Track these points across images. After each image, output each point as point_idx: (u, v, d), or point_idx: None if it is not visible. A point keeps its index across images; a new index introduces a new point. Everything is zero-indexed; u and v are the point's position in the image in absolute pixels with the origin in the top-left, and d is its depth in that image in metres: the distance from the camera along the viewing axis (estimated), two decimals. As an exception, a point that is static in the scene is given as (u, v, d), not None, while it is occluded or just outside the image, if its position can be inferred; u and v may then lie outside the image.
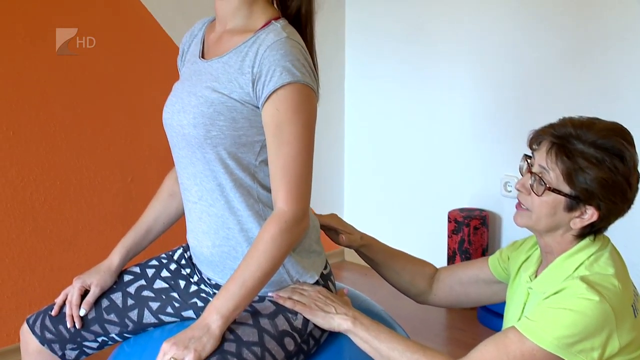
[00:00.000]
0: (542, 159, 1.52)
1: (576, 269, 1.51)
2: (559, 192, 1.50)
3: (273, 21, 1.47)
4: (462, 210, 3.10)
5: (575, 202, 1.50)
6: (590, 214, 1.50)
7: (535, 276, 1.60)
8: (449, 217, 3.09)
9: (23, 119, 2.46)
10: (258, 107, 1.44)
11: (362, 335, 1.50)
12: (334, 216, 1.83)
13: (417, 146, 3.34)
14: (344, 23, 3.41)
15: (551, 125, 1.55)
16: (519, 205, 1.58)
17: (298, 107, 1.42)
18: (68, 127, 2.57)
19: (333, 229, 1.81)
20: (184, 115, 1.48)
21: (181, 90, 1.53)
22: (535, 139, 1.56)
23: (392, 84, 3.36)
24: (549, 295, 1.49)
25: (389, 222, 3.43)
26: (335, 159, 3.53)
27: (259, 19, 1.48)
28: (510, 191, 2.99)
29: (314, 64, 1.48)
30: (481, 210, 3.09)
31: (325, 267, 1.59)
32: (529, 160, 1.57)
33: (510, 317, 1.65)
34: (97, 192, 2.70)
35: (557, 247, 1.56)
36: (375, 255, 1.83)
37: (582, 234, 1.54)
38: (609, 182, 1.47)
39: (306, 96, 1.43)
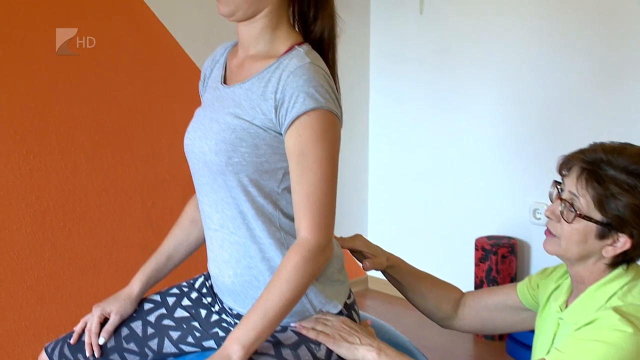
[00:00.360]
0: (572, 185, 1.50)
1: (608, 299, 1.48)
2: (589, 219, 1.48)
3: (296, 46, 1.47)
4: (489, 237, 3.07)
5: (607, 229, 1.47)
6: (623, 242, 1.47)
7: (566, 306, 1.57)
8: (476, 245, 3.06)
9: (43, 143, 2.47)
10: (281, 134, 1.43)
11: None
12: (358, 237, 1.81)
13: (443, 171, 3.32)
14: (368, 47, 3.41)
15: (581, 151, 1.52)
16: (548, 232, 1.55)
17: (322, 133, 1.41)
18: (88, 151, 2.58)
19: (358, 251, 1.79)
20: (205, 142, 1.48)
21: (203, 117, 1.52)
22: (565, 165, 1.54)
23: (417, 108, 3.36)
24: (581, 327, 1.46)
25: (414, 249, 3.40)
26: (358, 184, 3.52)
27: (282, 44, 1.48)
28: (540, 218, 2.96)
29: (336, 89, 1.47)
30: (509, 238, 3.05)
31: (349, 297, 1.57)
32: (558, 187, 1.54)
33: (539, 348, 1.62)
34: (116, 217, 2.70)
35: (588, 277, 1.53)
36: (402, 278, 1.81)
37: (615, 262, 1.50)
38: None
39: (330, 122, 1.42)
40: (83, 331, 1.63)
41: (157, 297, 1.66)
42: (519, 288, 1.74)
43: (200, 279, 1.68)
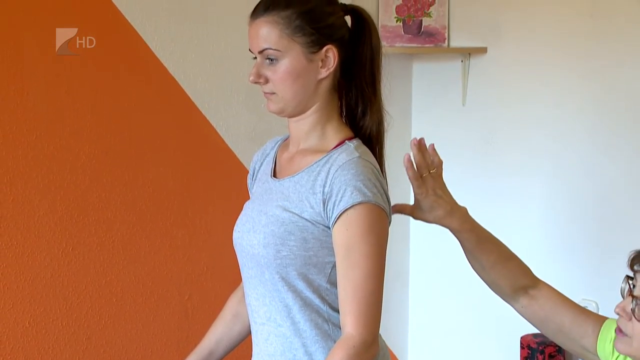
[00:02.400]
0: None
1: None
2: None
3: (347, 141, 1.55)
4: (535, 335, 3.07)
5: None
6: None
7: None
8: (521, 343, 3.06)
9: (83, 235, 2.56)
10: (329, 228, 1.49)
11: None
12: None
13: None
14: (409, 138, 3.49)
15: None
16: (619, 331, 1.50)
17: (369, 227, 1.47)
18: (126, 242, 2.66)
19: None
20: (254, 235, 1.55)
21: (251, 209, 1.60)
22: (638, 259, 1.49)
23: (460, 199, 3.39)
24: None
25: (456, 346, 3.41)
26: (399, 277, 3.55)
27: (333, 138, 1.56)
28: (589, 316, 2.96)
29: (385, 184, 1.54)
30: (557, 336, 3.05)
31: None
32: (630, 282, 1.49)
33: None
34: (152, 310, 2.76)
35: None
36: (463, 241, 1.75)
37: None
38: None
39: (377, 217, 1.48)
40: None
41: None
42: (601, 337, 1.64)
43: (244, 375, 1.72)
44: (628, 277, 1.50)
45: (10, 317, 2.43)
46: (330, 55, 1.53)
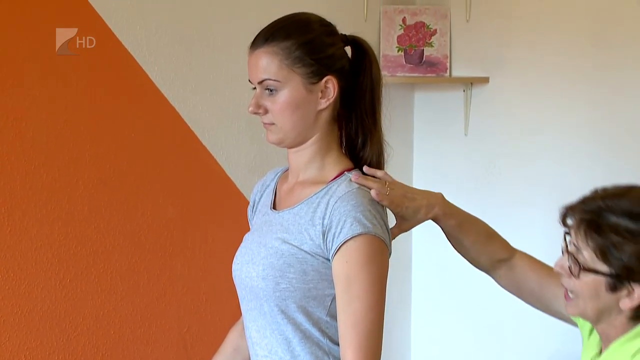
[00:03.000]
0: (574, 237, 1.49)
1: (633, 356, 1.43)
2: (595, 272, 1.44)
3: (346, 172, 1.56)
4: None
5: (617, 281, 1.43)
6: (639, 293, 1.43)
7: None
8: (526, 377, 3.05)
9: (80, 266, 2.56)
10: (329, 260, 1.50)
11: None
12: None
13: (490, 303, 3.33)
14: (411, 168, 3.51)
15: (582, 200, 1.51)
16: (566, 294, 1.53)
17: (368, 259, 1.47)
18: (125, 273, 2.66)
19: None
20: (252, 267, 1.55)
21: (251, 241, 1.60)
22: (566, 216, 1.52)
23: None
24: None
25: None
26: (401, 307, 3.54)
27: (332, 169, 1.57)
28: None
29: (385, 215, 1.55)
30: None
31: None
32: (567, 239, 1.52)
33: None
34: (151, 343, 2.75)
35: (613, 333, 1.49)
36: (446, 227, 1.78)
37: (637, 315, 1.46)
38: None
39: (377, 248, 1.49)
40: None
41: None
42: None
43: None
44: (566, 233, 1.52)
45: (6, 351, 2.42)
46: (330, 86, 1.54)
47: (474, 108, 3.35)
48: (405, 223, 1.72)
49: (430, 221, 1.77)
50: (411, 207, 1.65)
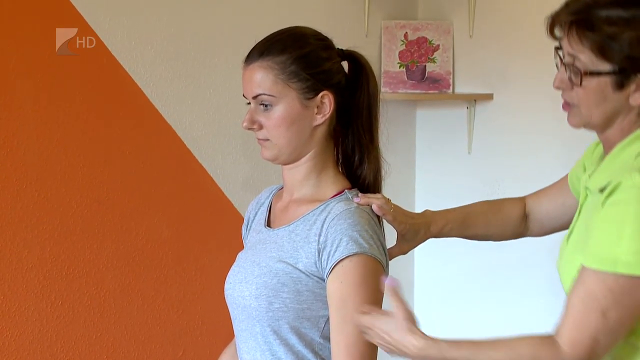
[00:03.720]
0: (567, 44, 1.43)
1: (636, 157, 1.39)
2: (598, 73, 1.39)
3: (346, 190, 1.54)
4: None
5: (622, 76, 1.39)
6: None
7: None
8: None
9: (72, 288, 2.54)
10: (323, 280, 1.48)
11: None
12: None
13: (495, 325, 3.31)
14: (413, 187, 3.49)
15: (566, 4, 1.46)
16: (565, 105, 1.48)
17: (363, 280, 1.46)
18: (118, 295, 2.65)
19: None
20: (245, 286, 1.54)
21: (244, 260, 1.59)
22: (554, 25, 1.47)
23: (462, 247, 3.37)
24: (604, 198, 1.37)
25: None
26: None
27: (329, 188, 1.56)
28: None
29: (383, 236, 1.53)
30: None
31: None
32: (559, 52, 1.47)
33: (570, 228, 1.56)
34: (145, 367, 2.73)
35: (619, 136, 1.45)
36: (450, 234, 1.78)
37: None
38: None
39: (373, 269, 1.48)
40: None
41: None
42: (570, 179, 1.70)
43: None
44: (556, 48, 1.48)
45: (-5, 374, 2.40)
46: (326, 101, 1.53)
47: (478, 125, 3.33)
48: (406, 244, 1.72)
49: (431, 240, 1.76)
50: (412, 226, 1.65)
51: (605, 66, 1.39)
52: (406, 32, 3.32)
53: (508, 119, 3.28)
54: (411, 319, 1.44)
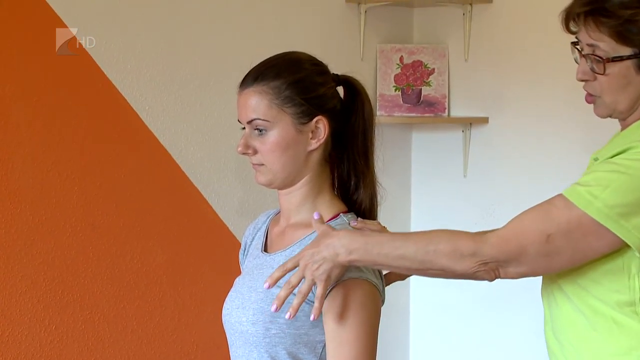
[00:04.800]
0: (585, 35, 1.47)
1: None
2: (620, 58, 1.44)
3: (342, 214, 1.55)
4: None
5: None
6: None
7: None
8: None
9: (66, 312, 2.54)
10: (320, 305, 1.48)
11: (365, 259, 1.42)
12: None
13: (490, 349, 3.30)
14: (409, 210, 3.50)
15: None
16: (589, 97, 1.53)
17: (361, 304, 1.46)
18: (113, 320, 2.64)
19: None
20: (242, 312, 1.54)
21: (241, 285, 1.60)
22: (568, 19, 1.51)
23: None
24: (610, 157, 1.42)
25: None
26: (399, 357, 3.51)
27: (325, 212, 1.56)
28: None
29: None
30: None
31: None
32: (577, 47, 1.51)
33: None
34: (139, 392, 2.72)
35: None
36: None
37: None
38: None
39: (370, 294, 1.48)
40: None
41: None
42: None
43: None
44: (573, 43, 1.52)
45: (-12, 400, 2.39)
46: (321, 126, 1.54)
47: (473, 149, 3.35)
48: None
49: None
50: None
51: (627, 50, 1.43)
52: (402, 56, 3.34)
53: (503, 142, 3.30)
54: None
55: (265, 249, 1.64)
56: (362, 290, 1.47)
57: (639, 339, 1.44)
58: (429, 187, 3.48)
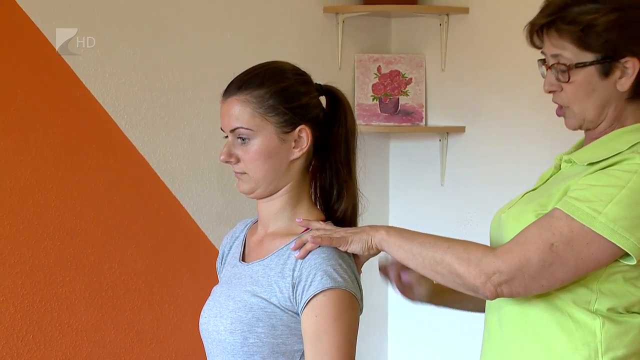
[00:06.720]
0: (549, 46, 1.50)
1: (633, 145, 1.45)
2: (583, 64, 1.45)
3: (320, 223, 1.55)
4: None
5: (605, 63, 1.45)
6: (631, 66, 1.45)
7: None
8: None
9: (44, 321, 2.52)
10: (298, 314, 1.48)
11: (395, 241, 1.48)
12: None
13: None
14: (387, 219, 3.50)
15: (540, 11, 1.52)
16: (559, 110, 1.54)
17: (338, 314, 1.47)
18: (91, 328, 2.63)
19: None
20: (220, 321, 1.54)
21: (219, 294, 1.59)
22: (531, 33, 1.53)
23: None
24: (597, 169, 1.43)
25: None
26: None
27: (303, 221, 1.56)
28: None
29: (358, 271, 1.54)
30: None
31: None
32: (544, 62, 1.54)
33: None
34: (117, 401, 2.70)
35: (609, 126, 1.50)
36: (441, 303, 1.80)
37: (637, 92, 1.48)
38: (622, 21, 1.43)
39: (348, 304, 1.48)
40: None
41: None
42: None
43: None
44: (539, 60, 1.55)
45: (-35, 410, 2.37)
46: (304, 135, 1.54)
47: (450, 157, 3.36)
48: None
49: None
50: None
51: (589, 56, 1.45)
52: (379, 66, 3.36)
53: (480, 151, 3.32)
54: None
55: (243, 258, 1.64)
56: (341, 300, 1.47)
57: (593, 335, 1.45)
58: (406, 195, 3.49)
